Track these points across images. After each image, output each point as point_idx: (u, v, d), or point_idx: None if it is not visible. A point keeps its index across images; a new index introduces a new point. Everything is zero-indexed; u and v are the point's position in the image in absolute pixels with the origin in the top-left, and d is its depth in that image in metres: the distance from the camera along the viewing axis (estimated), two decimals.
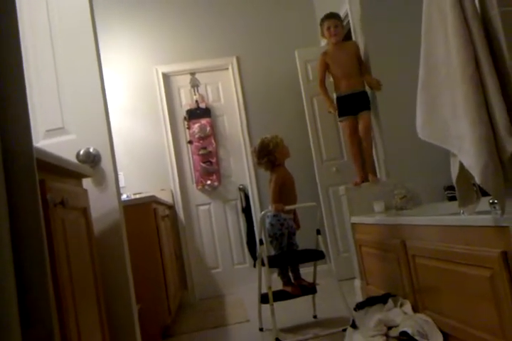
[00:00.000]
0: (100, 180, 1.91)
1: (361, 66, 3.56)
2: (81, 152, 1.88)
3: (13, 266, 0.85)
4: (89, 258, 1.56)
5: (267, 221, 2.99)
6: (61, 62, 1.95)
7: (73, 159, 1.83)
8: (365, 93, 3.53)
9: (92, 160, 1.89)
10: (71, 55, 1.93)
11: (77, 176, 1.67)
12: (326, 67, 3.70)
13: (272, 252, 3.05)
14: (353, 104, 3.53)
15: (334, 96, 3.77)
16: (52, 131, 1.95)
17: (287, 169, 3.10)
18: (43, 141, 1.94)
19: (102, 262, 1.75)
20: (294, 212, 3.12)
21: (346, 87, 3.56)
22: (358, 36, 3.65)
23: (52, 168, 1.32)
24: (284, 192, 3.00)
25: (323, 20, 3.65)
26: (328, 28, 3.60)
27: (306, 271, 3.11)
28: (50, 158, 1.26)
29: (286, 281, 3.00)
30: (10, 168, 0.90)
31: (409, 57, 2.64)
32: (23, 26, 1.90)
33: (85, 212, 1.62)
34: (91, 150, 1.89)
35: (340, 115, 3.67)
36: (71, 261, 1.31)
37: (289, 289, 2.96)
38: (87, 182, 1.84)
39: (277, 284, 2.99)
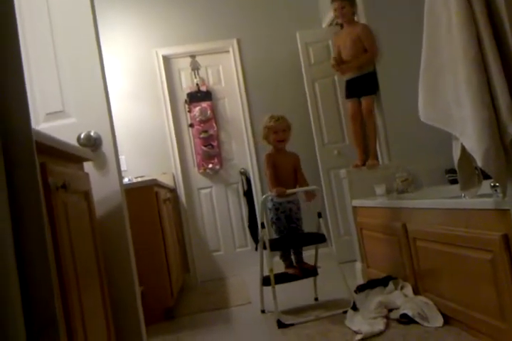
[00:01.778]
0: (101, 164, 1.90)
1: (368, 52, 3.51)
2: (82, 135, 1.87)
3: (14, 250, 0.86)
4: (91, 241, 1.57)
5: (267, 206, 3.00)
6: (60, 44, 1.93)
7: (74, 143, 1.83)
8: (372, 74, 3.50)
9: (93, 143, 1.88)
10: (70, 38, 1.91)
11: (78, 160, 1.67)
12: (338, 48, 3.69)
13: (274, 235, 3.07)
14: (358, 87, 3.53)
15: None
16: (53, 114, 1.94)
17: (284, 153, 3.08)
18: (43, 124, 1.93)
19: (105, 245, 1.75)
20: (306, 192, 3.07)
21: (351, 70, 3.56)
22: (360, 17, 3.60)
23: (54, 151, 1.32)
24: (278, 176, 2.99)
25: (331, 0, 3.63)
26: (335, 10, 3.60)
27: (307, 254, 3.12)
28: (50, 141, 1.26)
29: (288, 264, 3.03)
30: (9, 151, 0.90)
31: (412, 39, 2.62)
32: (20, 7, 1.88)
33: (87, 195, 1.62)
34: (92, 133, 1.88)
35: (346, 97, 3.70)
36: (73, 245, 1.32)
37: (290, 271, 2.98)
38: (88, 166, 1.84)
39: (279, 267, 3.01)
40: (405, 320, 2.28)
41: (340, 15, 3.59)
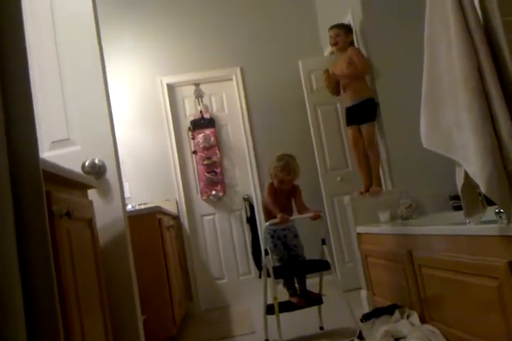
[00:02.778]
0: (105, 191, 1.91)
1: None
2: (86, 163, 1.88)
3: (20, 276, 0.86)
4: (94, 268, 1.56)
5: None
6: (66, 72, 1.96)
7: (78, 170, 1.84)
8: (370, 101, 3.52)
9: (97, 171, 1.89)
10: (76, 66, 1.95)
11: (82, 187, 1.67)
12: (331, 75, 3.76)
13: (276, 263, 3.04)
14: (357, 115, 3.55)
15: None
16: (58, 142, 1.96)
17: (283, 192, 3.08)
18: (48, 152, 1.94)
19: (107, 273, 1.74)
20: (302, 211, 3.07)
21: (350, 98, 3.61)
22: (360, 45, 3.67)
23: (58, 179, 1.33)
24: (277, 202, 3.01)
25: (329, 28, 3.76)
26: (330, 37, 3.73)
27: (311, 282, 3.09)
28: (55, 169, 1.27)
29: (292, 292, 2.99)
30: (16, 179, 0.90)
31: (413, 67, 2.65)
32: (28, 35, 1.92)
33: (91, 223, 1.62)
34: (96, 161, 1.90)
35: (347, 124, 3.72)
36: (76, 272, 1.31)
37: (294, 300, 2.94)
38: (92, 194, 1.84)
39: (283, 295, 2.97)
40: None
41: (334, 43, 3.72)
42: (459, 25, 1.72)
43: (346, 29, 3.70)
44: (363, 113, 3.53)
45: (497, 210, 1.87)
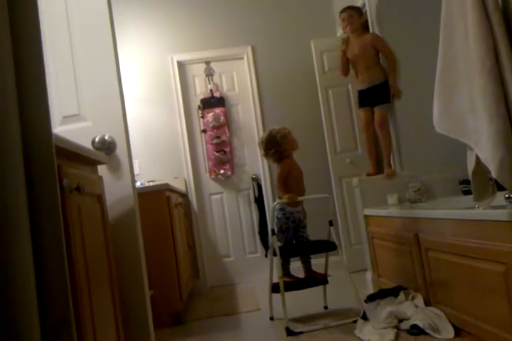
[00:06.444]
0: (115, 168, 1.92)
1: (387, 61, 3.51)
2: (96, 139, 1.89)
3: (31, 250, 0.87)
4: (103, 244, 1.58)
5: (275, 214, 2.99)
6: (77, 49, 1.95)
7: (89, 146, 1.84)
8: (384, 84, 3.48)
9: (107, 147, 1.90)
10: (87, 43, 1.94)
11: (92, 163, 1.68)
12: (345, 54, 3.72)
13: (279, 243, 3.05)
14: (371, 97, 3.52)
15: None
16: (69, 117, 1.96)
17: (295, 161, 3.07)
18: (59, 127, 1.95)
19: (116, 248, 1.76)
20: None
21: (363, 81, 3.56)
22: (374, 27, 3.61)
23: (69, 154, 1.33)
24: (291, 183, 2.98)
25: (339, 13, 3.71)
26: (343, 20, 3.65)
27: (317, 262, 3.11)
28: (66, 144, 1.27)
29: (284, 273, 2.95)
30: (29, 153, 0.91)
31: (427, 49, 2.61)
32: (41, 13, 1.91)
33: (100, 198, 1.63)
34: (106, 137, 1.90)
35: (359, 106, 3.70)
36: (86, 247, 1.33)
37: (287, 279, 2.91)
38: (102, 169, 1.85)
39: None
40: (416, 331, 2.25)
41: (349, 24, 3.61)
42: (476, 8, 1.69)
43: (358, 10, 3.66)
44: (378, 95, 3.49)
45: (507, 195, 1.86)
